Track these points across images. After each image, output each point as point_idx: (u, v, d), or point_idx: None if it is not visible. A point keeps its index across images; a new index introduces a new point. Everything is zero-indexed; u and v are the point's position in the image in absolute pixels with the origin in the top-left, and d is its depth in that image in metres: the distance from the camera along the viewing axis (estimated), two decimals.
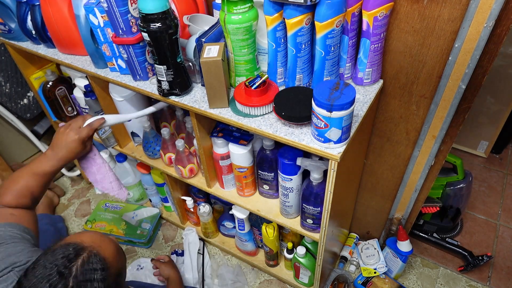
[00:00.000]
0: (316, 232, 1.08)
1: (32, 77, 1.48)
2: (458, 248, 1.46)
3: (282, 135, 0.85)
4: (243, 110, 0.91)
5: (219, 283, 1.44)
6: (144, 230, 1.61)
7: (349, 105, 0.73)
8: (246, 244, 1.42)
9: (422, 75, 0.95)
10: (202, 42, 0.90)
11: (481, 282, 1.41)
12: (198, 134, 1.05)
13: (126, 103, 1.21)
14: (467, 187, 1.42)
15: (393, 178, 1.24)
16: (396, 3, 0.86)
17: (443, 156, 1.10)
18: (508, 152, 1.96)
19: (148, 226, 1.62)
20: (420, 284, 1.42)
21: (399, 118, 1.07)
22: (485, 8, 0.76)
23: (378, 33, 0.86)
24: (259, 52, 0.99)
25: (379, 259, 1.39)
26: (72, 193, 1.90)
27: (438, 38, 0.87)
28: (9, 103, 1.56)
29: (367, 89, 0.97)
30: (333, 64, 0.90)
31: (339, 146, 0.80)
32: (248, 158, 1.08)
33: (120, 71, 1.10)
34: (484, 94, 1.70)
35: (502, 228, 1.60)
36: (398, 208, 1.31)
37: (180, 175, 1.26)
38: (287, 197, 1.06)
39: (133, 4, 0.92)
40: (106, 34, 1.01)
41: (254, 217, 1.36)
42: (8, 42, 1.35)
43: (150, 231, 1.61)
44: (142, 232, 1.60)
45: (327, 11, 0.78)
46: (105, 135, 1.34)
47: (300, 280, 1.36)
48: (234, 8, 0.83)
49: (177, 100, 0.98)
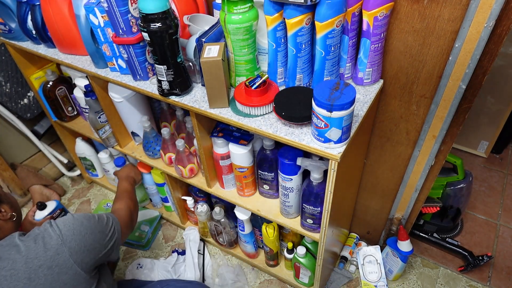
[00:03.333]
0: (316, 232, 1.08)
1: (33, 77, 1.48)
2: (458, 248, 1.46)
3: (282, 135, 0.85)
4: (243, 110, 0.91)
5: (220, 283, 1.44)
6: (143, 232, 1.60)
7: (349, 105, 0.73)
8: (245, 245, 1.42)
9: (422, 75, 0.95)
10: (202, 42, 0.90)
11: (481, 282, 1.41)
12: (198, 134, 1.05)
13: (126, 103, 1.21)
14: (467, 187, 1.42)
15: (393, 178, 1.24)
16: (396, 3, 0.86)
17: (443, 156, 1.10)
18: (508, 152, 1.95)
19: (147, 228, 1.61)
20: (420, 284, 1.42)
21: (399, 118, 1.07)
22: (485, 8, 0.76)
23: (378, 33, 0.86)
24: (259, 52, 0.99)
25: (380, 276, 1.39)
26: (72, 193, 1.90)
27: (438, 38, 0.87)
28: (9, 103, 1.56)
29: (367, 89, 0.97)
30: (333, 64, 0.90)
31: (339, 146, 0.80)
32: (248, 158, 1.08)
33: (120, 71, 1.10)
34: (484, 94, 1.70)
35: (502, 228, 1.60)
36: (398, 208, 1.31)
37: (180, 175, 1.26)
38: (287, 197, 1.06)
39: (133, 4, 0.92)
40: (106, 34, 1.01)
41: (255, 217, 1.36)
42: (9, 42, 1.35)
43: (149, 233, 1.60)
44: (141, 234, 1.60)
45: (327, 11, 0.78)
46: (105, 135, 1.34)
47: (300, 280, 1.36)
48: (234, 8, 0.83)
49: (177, 100, 0.98)
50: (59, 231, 0.84)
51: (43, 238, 0.83)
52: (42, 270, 0.81)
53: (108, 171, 1.72)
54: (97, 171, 1.83)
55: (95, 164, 1.79)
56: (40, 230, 0.86)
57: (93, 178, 1.89)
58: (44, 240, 0.83)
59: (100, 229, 0.92)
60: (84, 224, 0.89)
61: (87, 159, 1.75)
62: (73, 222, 0.87)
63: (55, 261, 0.82)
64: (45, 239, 0.83)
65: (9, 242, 0.85)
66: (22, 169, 1.75)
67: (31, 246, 0.82)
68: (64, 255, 0.83)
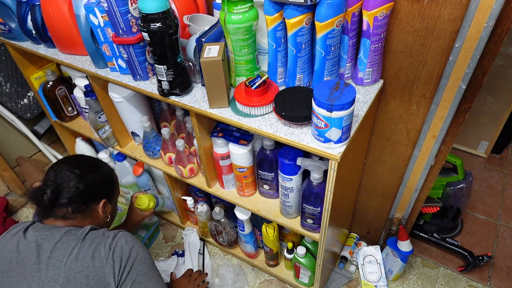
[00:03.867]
0: (316, 232, 1.08)
1: (32, 77, 1.48)
2: (458, 248, 1.46)
3: (282, 135, 0.85)
4: (243, 110, 0.91)
5: (220, 283, 1.44)
6: (139, 237, 1.57)
7: (349, 105, 0.73)
8: (245, 245, 1.42)
9: (422, 75, 0.95)
10: (202, 42, 0.90)
11: (481, 282, 1.41)
12: (198, 134, 1.05)
13: (126, 103, 1.21)
14: (467, 187, 1.42)
15: (393, 178, 1.24)
16: (396, 3, 0.86)
17: (443, 156, 1.10)
18: (508, 152, 1.95)
19: (144, 233, 1.58)
20: (420, 284, 1.42)
21: (399, 118, 1.07)
22: (485, 8, 0.76)
23: (378, 33, 0.86)
24: (259, 52, 0.99)
25: (380, 276, 1.39)
26: None
27: (438, 38, 0.87)
28: (9, 103, 1.56)
29: (367, 89, 0.97)
30: (333, 64, 0.90)
31: (339, 146, 0.80)
32: (248, 158, 1.08)
33: (120, 71, 1.10)
34: (485, 94, 1.70)
35: (502, 228, 1.60)
36: (398, 208, 1.31)
37: (180, 175, 1.26)
38: (287, 197, 1.05)
39: (133, 4, 0.92)
40: (106, 34, 1.01)
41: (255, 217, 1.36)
42: (8, 42, 1.35)
43: (145, 239, 1.57)
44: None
45: (327, 11, 0.78)
46: (105, 135, 1.34)
47: (300, 280, 1.36)
48: (234, 8, 0.83)
49: (177, 100, 0.98)
50: (115, 247, 0.85)
51: (98, 244, 0.84)
52: (80, 277, 0.81)
53: None
54: None
55: None
56: (105, 235, 0.87)
57: None
58: (98, 246, 0.84)
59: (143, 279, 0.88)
60: (149, 264, 0.89)
61: None
62: (131, 251, 0.87)
63: (94, 273, 0.82)
64: (99, 246, 0.84)
65: (80, 233, 0.86)
66: (29, 164, 1.74)
67: (85, 246, 0.83)
68: (105, 271, 0.82)
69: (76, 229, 0.89)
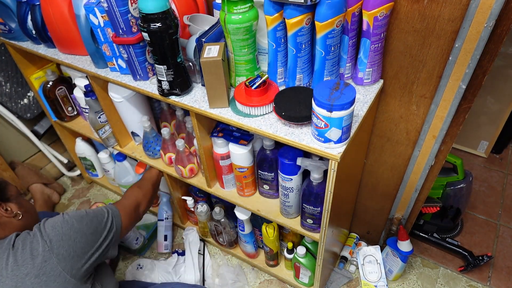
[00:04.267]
0: (316, 232, 1.08)
1: (32, 77, 1.48)
2: (458, 248, 1.46)
3: (282, 135, 0.85)
4: (243, 110, 0.91)
5: (220, 283, 1.44)
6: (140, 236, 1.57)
7: (349, 105, 0.73)
8: (245, 245, 1.42)
9: (422, 75, 0.95)
10: (202, 42, 0.90)
11: (481, 282, 1.41)
12: (198, 134, 1.05)
13: (126, 103, 1.21)
14: (467, 187, 1.42)
15: (393, 178, 1.24)
16: (396, 3, 0.86)
17: (443, 156, 1.10)
18: (508, 152, 1.95)
19: (144, 233, 1.59)
20: (420, 284, 1.42)
21: (399, 118, 1.07)
22: (485, 8, 0.76)
23: (378, 33, 0.86)
24: (259, 52, 0.99)
25: (380, 276, 1.39)
26: (72, 193, 1.90)
27: (438, 38, 0.87)
28: (9, 103, 1.56)
29: (367, 89, 0.97)
30: (333, 64, 0.90)
31: (339, 146, 0.80)
32: (248, 158, 1.08)
33: (120, 71, 1.10)
34: (484, 94, 1.70)
35: (502, 228, 1.60)
36: (398, 208, 1.31)
37: (180, 175, 1.26)
38: (287, 197, 1.06)
39: (133, 4, 0.92)
40: (106, 34, 1.01)
41: (255, 217, 1.36)
42: (8, 42, 1.35)
43: (145, 239, 1.57)
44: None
45: (327, 11, 0.78)
46: (105, 135, 1.34)
47: (300, 280, 1.36)
48: (234, 8, 0.83)
49: (177, 100, 0.98)
50: (47, 236, 0.81)
51: (31, 244, 0.81)
52: (29, 279, 0.78)
53: (108, 171, 1.72)
54: (97, 171, 1.83)
55: (95, 164, 1.79)
56: (30, 234, 0.83)
57: (93, 178, 1.89)
58: (31, 245, 0.80)
59: (93, 230, 0.88)
60: (75, 227, 0.85)
61: (87, 159, 1.75)
62: (62, 226, 0.84)
63: (42, 269, 0.79)
64: (32, 245, 0.80)
65: (7, 243, 0.83)
66: (22, 167, 1.74)
67: (19, 251, 0.80)
68: (52, 262, 0.79)
69: (1, 242, 0.85)
